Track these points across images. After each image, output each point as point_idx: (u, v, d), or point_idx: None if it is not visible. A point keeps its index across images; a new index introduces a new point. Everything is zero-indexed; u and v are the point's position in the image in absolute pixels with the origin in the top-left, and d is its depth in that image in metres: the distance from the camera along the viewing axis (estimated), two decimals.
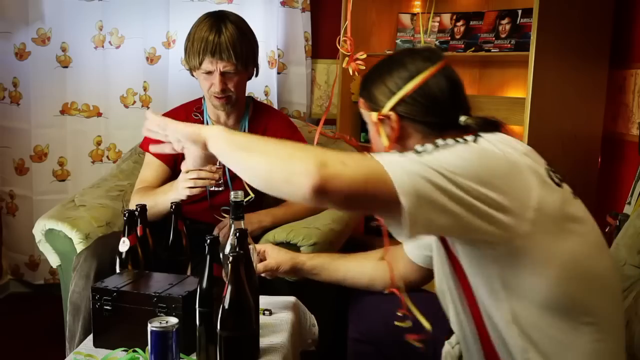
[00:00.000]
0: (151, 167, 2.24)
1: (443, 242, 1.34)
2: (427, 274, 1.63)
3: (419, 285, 1.68)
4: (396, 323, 1.40)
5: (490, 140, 1.21)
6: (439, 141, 1.19)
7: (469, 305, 1.30)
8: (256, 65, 2.23)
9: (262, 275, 1.71)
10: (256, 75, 2.26)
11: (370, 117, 1.36)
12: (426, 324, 1.30)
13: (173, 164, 2.23)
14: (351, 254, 1.79)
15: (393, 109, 1.32)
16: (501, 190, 1.13)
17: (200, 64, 2.08)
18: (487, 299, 1.23)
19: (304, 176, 1.05)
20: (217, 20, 2.11)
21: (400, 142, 1.33)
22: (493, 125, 1.30)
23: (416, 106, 1.31)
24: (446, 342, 1.49)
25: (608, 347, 1.24)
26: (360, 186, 1.08)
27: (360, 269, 1.72)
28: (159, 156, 2.23)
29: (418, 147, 1.17)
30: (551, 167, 1.27)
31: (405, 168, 1.09)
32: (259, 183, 1.15)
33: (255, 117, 2.29)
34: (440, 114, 1.31)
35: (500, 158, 1.17)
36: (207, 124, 2.24)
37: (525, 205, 1.15)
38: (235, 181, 2.23)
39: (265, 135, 2.26)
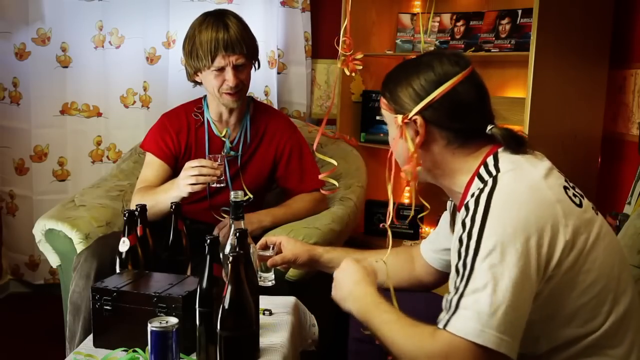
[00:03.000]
0: (152, 167, 2.24)
1: None
2: (442, 277, 1.61)
3: (433, 287, 1.66)
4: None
5: (513, 187, 1.20)
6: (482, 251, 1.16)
7: None
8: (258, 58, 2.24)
9: (279, 267, 1.70)
10: (257, 69, 2.26)
11: (395, 120, 1.31)
12: None
13: (174, 163, 2.23)
14: (367, 250, 1.77)
15: (419, 113, 1.28)
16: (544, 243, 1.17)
17: (212, 61, 2.08)
18: None
19: None
20: (219, 17, 2.11)
21: (423, 147, 1.30)
22: (517, 141, 1.28)
23: (444, 112, 1.27)
24: None
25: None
26: None
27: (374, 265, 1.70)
28: (159, 155, 2.22)
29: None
30: (569, 183, 1.25)
31: (487, 328, 1.13)
32: None
33: (256, 117, 2.29)
34: (467, 121, 1.29)
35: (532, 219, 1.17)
36: (208, 124, 2.24)
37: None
38: (235, 181, 2.23)
39: (266, 135, 2.27)
